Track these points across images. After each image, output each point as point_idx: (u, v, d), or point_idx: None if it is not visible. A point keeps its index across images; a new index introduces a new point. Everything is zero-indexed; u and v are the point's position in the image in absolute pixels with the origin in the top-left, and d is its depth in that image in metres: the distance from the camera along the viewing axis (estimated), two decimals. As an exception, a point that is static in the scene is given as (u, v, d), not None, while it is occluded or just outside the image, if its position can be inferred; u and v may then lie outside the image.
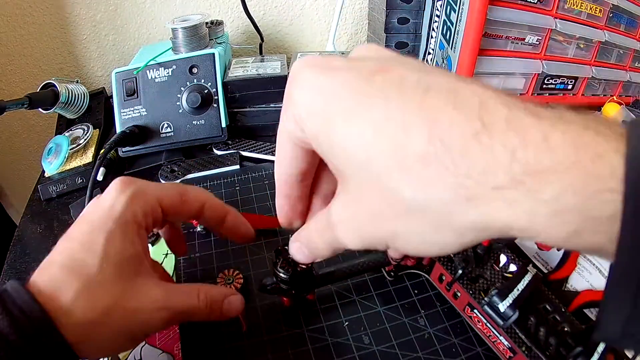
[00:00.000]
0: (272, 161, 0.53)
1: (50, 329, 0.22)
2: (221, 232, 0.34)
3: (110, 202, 0.27)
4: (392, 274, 0.38)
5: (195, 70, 0.52)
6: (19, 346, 0.21)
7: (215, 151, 0.54)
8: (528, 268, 0.31)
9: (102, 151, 0.48)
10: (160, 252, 0.41)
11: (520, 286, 0.29)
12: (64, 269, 0.24)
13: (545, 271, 0.39)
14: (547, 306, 0.31)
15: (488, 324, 0.31)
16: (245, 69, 0.57)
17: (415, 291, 0.37)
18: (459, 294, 0.34)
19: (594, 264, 0.37)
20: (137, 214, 0.27)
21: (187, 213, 0.31)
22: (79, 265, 0.25)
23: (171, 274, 0.38)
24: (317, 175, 0.25)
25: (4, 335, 0.21)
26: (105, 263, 0.25)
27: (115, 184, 0.28)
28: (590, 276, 0.37)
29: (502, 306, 0.29)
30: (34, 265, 0.29)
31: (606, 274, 0.37)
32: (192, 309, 0.28)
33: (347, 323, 0.34)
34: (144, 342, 0.33)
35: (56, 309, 0.23)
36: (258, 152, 0.54)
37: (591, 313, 0.35)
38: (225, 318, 0.30)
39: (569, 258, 0.38)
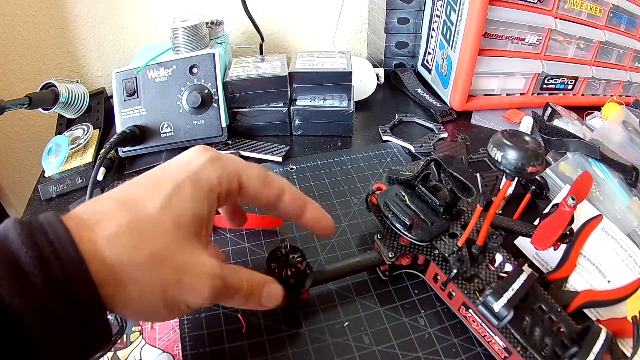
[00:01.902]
0: (272, 161, 0.53)
1: (84, 275, 0.19)
2: (302, 223, 0.32)
3: (188, 158, 0.26)
4: (386, 273, 0.38)
5: (195, 70, 0.52)
6: (42, 289, 0.18)
7: (215, 151, 0.54)
8: (523, 268, 0.31)
9: (102, 151, 0.48)
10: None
11: (515, 286, 0.29)
12: (117, 202, 0.22)
13: (545, 271, 0.39)
14: (543, 306, 0.31)
15: (483, 324, 0.31)
16: (245, 69, 0.57)
17: (415, 291, 0.37)
18: (453, 294, 0.34)
19: (593, 264, 0.38)
20: (212, 177, 0.26)
21: (266, 196, 0.29)
22: (135, 202, 0.23)
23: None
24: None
25: (29, 274, 0.18)
26: (166, 210, 0.23)
27: (199, 146, 0.28)
28: (590, 276, 0.37)
29: (497, 306, 0.28)
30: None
31: (606, 273, 0.37)
32: (239, 288, 0.26)
33: (347, 323, 0.35)
34: (144, 342, 0.33)
35: (94, 241, 0.20)
36: (258, 152, 0.54)
37: (591, 313, 0.35)
38: (262, 308, 0.29)
39: (568, 258, 0.38)
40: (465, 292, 0.32)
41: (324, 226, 0.33)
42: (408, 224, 0.34)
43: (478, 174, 0.50)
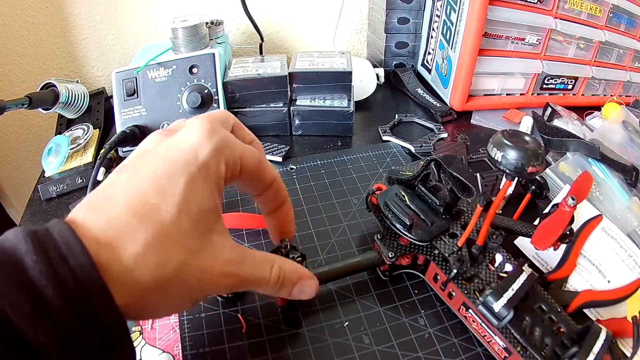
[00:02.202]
0: (273, 161, 0.53)
1: (106, 299, 0.18)
2: (272, 217, 0.32)
3: (192, 144, 0.24)
4: (387, 273, 0.38)
5: (195, 70, 0.52)
6: (67, 320, 0.17)
7: (215, 151, 0.54)
8: (523, 268, 0.31)
9: (102, 151, 0.48)
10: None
11: (515, 286, 0.29)
12: (131, 214, 0.20)
13: (545, 271, 0.39)
14: (543, 306, 0.31)
15: (483, 324, 0.31)
16: (245, 69, 0.57)
17: (415, 291, 0.37)
18: (453, 294, 0.33)
19: (593, 264, 0.38)
20: (220, 165, 0.24)
21: (260, 182, 0.29)
22: (150, 211, 0.21)
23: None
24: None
25: (51, 305, 0.17)
26: (182, 213, 0.21)
27: (203, 124, 0.25)
28: (590, 276, 0.37)
29: (497, 306, 0.28)
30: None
31: (606, 273, 0.37)
32: (261, 281, 0.26)
33: (347, 323, 0.35)
34: (144, 342, 0.33)
35: (116, 264, 0.19)
36: (258, 152, 0.54)
37: (591, 313, 0.35)
38: (294, 298, 0.28)
39: (568, 258, 0.38)
40: (465, 292, 0.32)
41: (288, 230, 0.33)
42: (408, 224, 0.34)
43: (478, 174, 0.50)
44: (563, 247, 0.38)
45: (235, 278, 0.24)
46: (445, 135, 0.59)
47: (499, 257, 0.34)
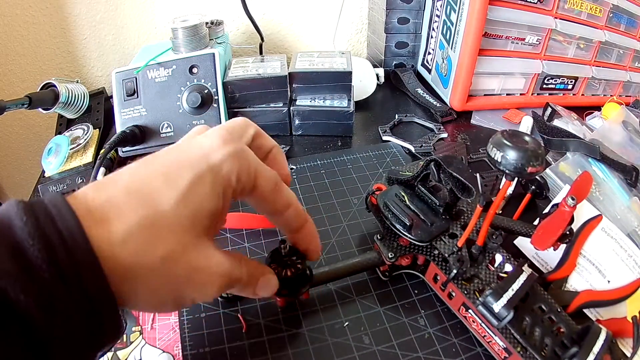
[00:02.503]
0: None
1: (95, 270, 0.18)
2: (293, 239, 0.31)
3: (210, 146, 0.24)
4: (386, 274, 0.38)
5: (195, 70, 0.52)
6: (52, 287, 0.17)
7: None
8: (523, 268, 0.31)
9: (102, 151, 0.48)
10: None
11: (515, 286, 0.29)
12: (129, 194, 0.20)
13: (545, 271, 0.39)
14: (543, 306, 0.31)
15: (483, 324, 0.31)
16: (245, 69, 0.57)
17: (415, 291, 0.37)
18: (453, 294, 0.34)
19: (593, 264, 0.38)
20: (232, 174, 0.24)
21: (273, 204, 0.28)
22: (150, 193, 0.21)
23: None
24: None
25: (35, 269, 0.17)
26: (182, 205, 0.21)
27: (221, 132, 0.25)
28: (590, 276, 0.37)
29: (497, 306, 0.28)
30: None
31: (606, 274, 0.37)
32: (238, 280, 0.26)
33: (347, 323, 0.35)
34: (144, 342, 0.33)
35: (106, 240, 0.19)
36: (258, 152, 0.54)
37: (591, 313, 0.35)
38: (256, 296, 0.28)
39: (568, 258, 0.38)
40: (465, 292, 0.32)
41: (314, 249, 0.32)
42: (408, 224, 0.34)
43: (478, 174, 0.50)
44: (563, 247, 0.38)
45: (227, 279, 0.24)
46: (445, 135, 0.59)
47: (498, 258, 0.34)
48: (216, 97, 0.53)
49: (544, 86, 0.65)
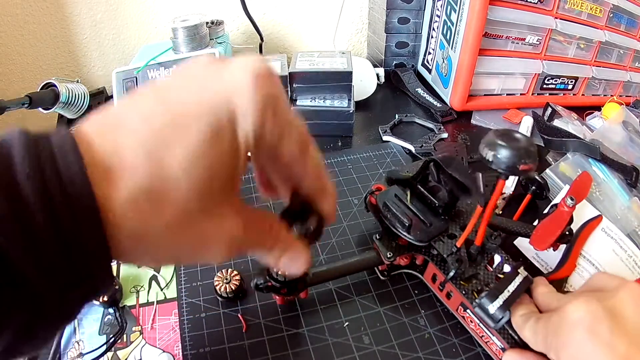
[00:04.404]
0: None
1: (96, 225, 0.17)
2: (317, 207, 0.26)
3: (236, 85, 0.19)
4: (385, 273, 0.38)
5: (195, 70, 0.52)
6: (46, 234, 0.16)
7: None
8: (519, 270, 0.31)
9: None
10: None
11: (511, 288, 0.29)
12: (138, 146, 0.18)
13: (545, 272, 0.39)
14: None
15: (480, 325, 0.31)
16: (246, 69, 0.57)
17: (415, 291, 0.37)
18: (452, 294, 0.34)
19: (593, 264, 0.38)
20: (258, 131, 0.20)
21: (296, 172, 0.24)
22: (158, 150, 0.18)
23: (171, 274, 0.38)
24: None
25: (31, 213, 0.15)
26: (194, 166, 0.18)
27: (251, 64, 0.20)
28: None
29: (492, 308, 0.29)
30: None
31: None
32: (253, 247, 0.23)
33: (347, 323, 0.35)
34: (144, 342, 0.33)
35: (111, 200, 0.17)
36: (258, 152, 0.54)
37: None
38: (278, 269, 0.26)
39: (568, 259, 0.38)
40: (464, 292, 0.32)
41: (333, 210, 0.27)
42: (407, 224, 0.34)
43: (480, 174, 0.50)
44: (563, 247, 0.38)
45: (236, 251, 0.22)
46: (445, 135, 0.59)
47: (497, 258, 0.34)
48: (216, 97, 0.53)
49: (544, 86, 0.65)
